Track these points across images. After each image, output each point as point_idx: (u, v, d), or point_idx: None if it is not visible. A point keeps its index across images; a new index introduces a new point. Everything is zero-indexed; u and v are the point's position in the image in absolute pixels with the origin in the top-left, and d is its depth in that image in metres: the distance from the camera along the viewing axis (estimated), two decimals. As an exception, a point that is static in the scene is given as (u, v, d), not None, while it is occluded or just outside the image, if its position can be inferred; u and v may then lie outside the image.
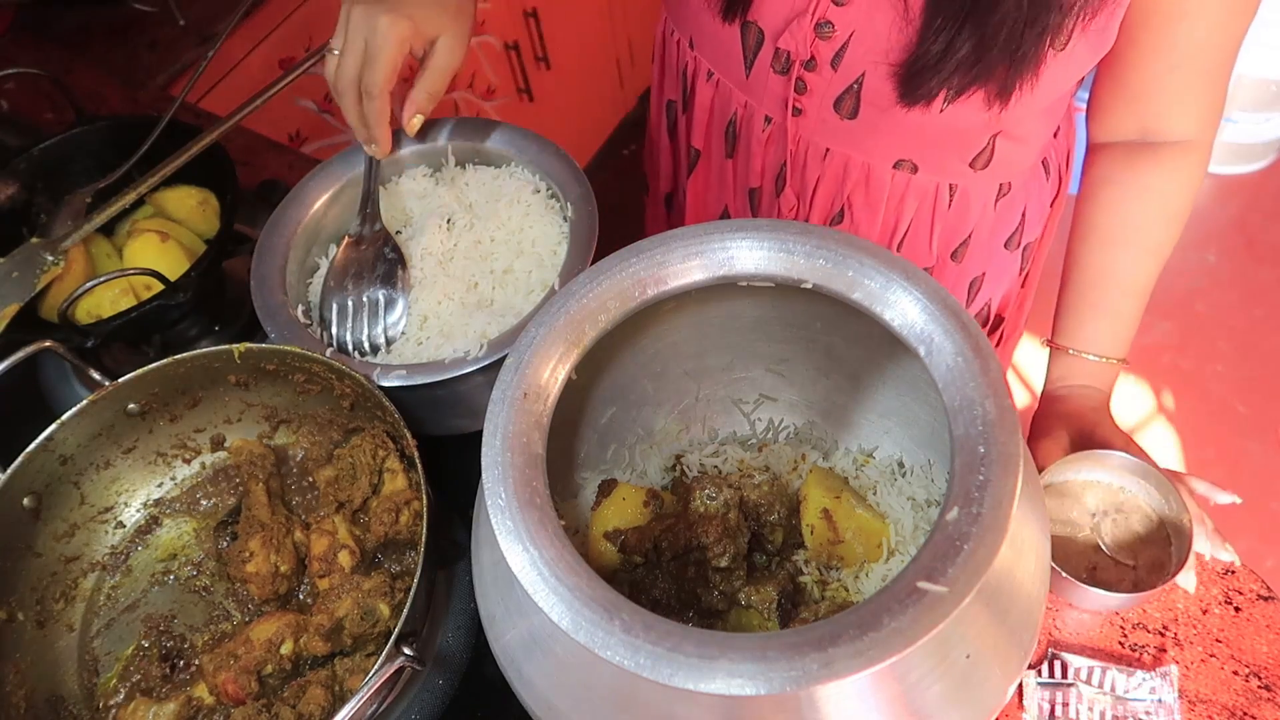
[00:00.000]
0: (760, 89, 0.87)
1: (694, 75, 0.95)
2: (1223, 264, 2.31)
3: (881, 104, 0.80)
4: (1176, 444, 2.04)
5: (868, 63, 0.78)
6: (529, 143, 0.90)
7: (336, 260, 0.85)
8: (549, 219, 0.87)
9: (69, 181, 0.93)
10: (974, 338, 0.52)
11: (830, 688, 0.47)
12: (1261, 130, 2.35)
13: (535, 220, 0.87)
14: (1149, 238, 0.85)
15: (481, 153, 0.92)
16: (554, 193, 0.88)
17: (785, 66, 0.83)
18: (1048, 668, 0.75)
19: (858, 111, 0.83)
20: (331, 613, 0.69)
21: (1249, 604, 0.77)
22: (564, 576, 0.48)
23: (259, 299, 0.82)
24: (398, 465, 0.76)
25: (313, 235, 0.89)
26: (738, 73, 0.88)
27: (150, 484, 0.83)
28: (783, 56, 0.82)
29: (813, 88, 0.83)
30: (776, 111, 0.88)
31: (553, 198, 0.89)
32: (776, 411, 0.77)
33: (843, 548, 0.65)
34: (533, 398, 0.54)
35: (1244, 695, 0.73)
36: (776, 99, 0.87)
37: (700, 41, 0.91)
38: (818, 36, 0.79)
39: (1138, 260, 0.85)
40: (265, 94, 0.87)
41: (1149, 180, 0.84)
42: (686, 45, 0.94)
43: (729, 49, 0.86)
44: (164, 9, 1.45)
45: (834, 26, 0.78)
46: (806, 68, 0.82)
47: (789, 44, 0.81)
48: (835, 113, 0.84)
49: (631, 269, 0.58)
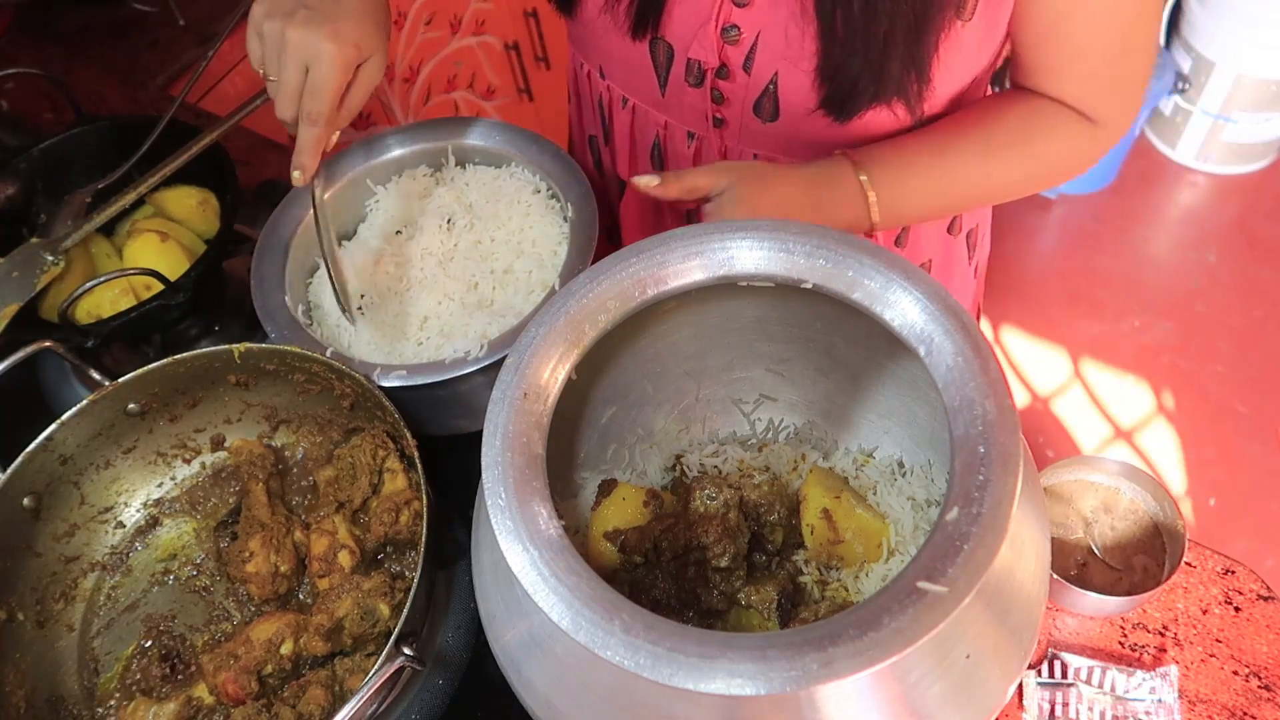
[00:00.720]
0: (678, 105, 0.87)
1: (610, 105, 0.94)
2: (1223, 264, 2.31)
3: (800, 107, 0.80)
4: (1176, 444, 2.04)
5: (779, 64, 0.78)
6: (529, 143, 0.90)
7: None
8: (549, 219, 0.87)
9: (69, 181, 0.94)
10: (974, 338, 0.52)
11: (830, 688, 0.47)
12: (1261, 130, 2.35)
13: (535, 220, 0.87)
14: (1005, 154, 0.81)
15: (482, 152, 0.92)
16: (554, 193, 0.88)
17: (699, 78, 0.82)
18: (1048, 668, 0.75)
19: (778, 113, 0.82)
20: (331, 613, 0.69)
21: (1249, 604, 0.77)
22: (564, 576, 0.48)
23: (259, 299, 0.82)
24: (398, 465, 0.76)
25: (313, 235, 0.89)
26: (653, 93, 0.87)
27: (150, 484, 0.83)
28: (695, 68, 0.82)
29: (730, 96, 0.83)
30: (698, 125, 0.88)
31: (553, 198, 0.89)
32: (776, 411, 0.77)
33: (843, 548, 0.65)
34: (533, 398, 0.54)
35: (1244, 695, 0.73)
36: (696, 113, 0.86)
37: (610, 68, 0.90)
38: (725, 42, 0.78)
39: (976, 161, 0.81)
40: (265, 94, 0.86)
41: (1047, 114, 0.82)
42: (598, 75, 0.93)
43: (641, 70, 0.85)
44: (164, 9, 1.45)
45: (740, 29, 0.77)
46: (720, 76, 0.81)
47: (699, 54, 0.80)
48: (756, 117, 0.83)
49: (631, 269, 0.58)
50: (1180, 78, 2.35)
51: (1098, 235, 2.38)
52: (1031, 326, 2.23)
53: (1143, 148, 2.52)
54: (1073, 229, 2.40)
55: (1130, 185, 2.47)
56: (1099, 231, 2.39)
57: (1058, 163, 0.84)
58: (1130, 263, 2.33)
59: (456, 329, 0.81)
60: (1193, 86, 2.33)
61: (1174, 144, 2.47)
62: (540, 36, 2.05)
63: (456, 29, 1.89)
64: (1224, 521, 1.94)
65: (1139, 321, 2.23)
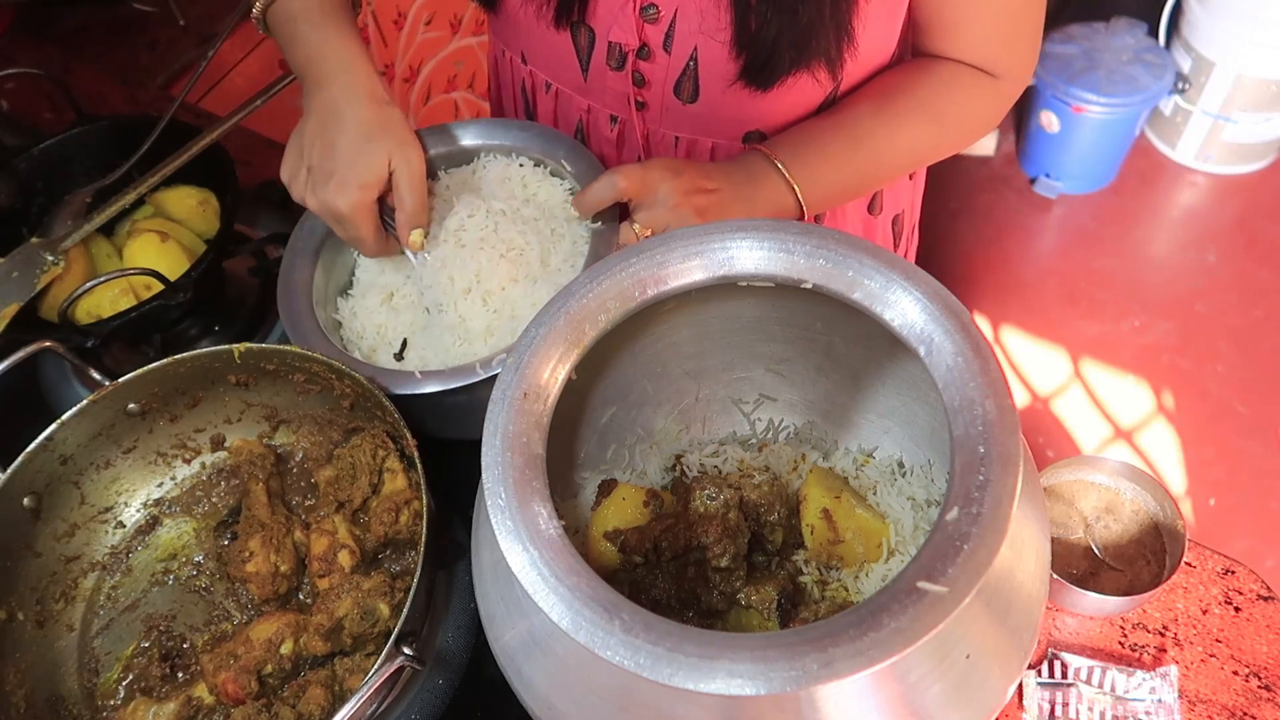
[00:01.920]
0: (600, 89, 0.87)
1: (533, 90, 0.94)
2: (1223, 264, 2.31)
3: (720, 82, 0.81)
4: (1176, 444, 2.04)
5: (698, 38, 0.79)
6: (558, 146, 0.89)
7: None
8: (575, 228, 0.85)
9: (69, 181, 0.94)
10: (974, 338, 0.52)
11: (830, 688, 0.47)
12: (1261, 130, 2.35)
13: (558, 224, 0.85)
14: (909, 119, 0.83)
15: (505, 152, 0.91)
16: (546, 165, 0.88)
17: (620, 61, 0.83)
18: (1048, 668, 0.75)
19: (698, 94, 0.83)
20: (331, 612, 0.69)
21: (1249, 604, 0.77)
22: (564, 576, 0.48)
23: (284, 304, 0.82)
24: (398, 465, 0.76)
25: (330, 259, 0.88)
26: (575, 78, 0.88)
27: (150, 484, 0.83)
28: (615, 50, 0.83)
29: (650, 78, 0.84)
30: (620, 109, 0.88)
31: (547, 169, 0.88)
32: (776, 411, 0.76)
33: (843, 548, 0.65)
34: (533, 398, 0.54)
35: (1244, 695, 0.73)
36: (618, 96, 0.87)
37: (532, 54, 0.91)
38: (644, 20, 0.79)
39: (882, 130, 0.83)
40: (265, 94, 0.87)
41: (946, 75, 0.84)
42: (519, 61, 0.93)
43: (562, 55, 0.86)
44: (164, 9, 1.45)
45: (658, 8, 0.79)
46: (640, 56, 0.82)
47: (619, 36, 0.81)
48: (677, 98, 0.84)
49: (631, 269, 0.58)
50: (1180, 78, 2.35)
51: (1098, 235, 2.38)
52: (1031, 326, 2.23)
53: (1143, 148, 2.52)
54: (1073, 229, 2.40)
55: (1130, 185, 2.47)
56: (1099, 231, 2.39)
57: (962, 121, 0.86)
58: (1130, 263, 2.33)
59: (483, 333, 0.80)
60: (1193, 86, 2.33)
61: (1174, 144, 2.47)
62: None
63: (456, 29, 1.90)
64: (1224, 521, 1.94)
65: (1139, 321, 2.23)
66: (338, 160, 0.76)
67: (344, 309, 0.87)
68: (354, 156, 0.76)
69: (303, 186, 0.78)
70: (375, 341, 0.85)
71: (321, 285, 0.86)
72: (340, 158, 0.76)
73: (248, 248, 0.97)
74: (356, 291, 0.88)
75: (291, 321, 0.81)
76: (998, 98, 0.85)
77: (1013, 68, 0.84)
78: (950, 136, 0.86)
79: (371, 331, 0.85)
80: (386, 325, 0.85)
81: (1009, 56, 0.83)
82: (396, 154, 0.78)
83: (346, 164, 0.76)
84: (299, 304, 0.82)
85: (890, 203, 1.00)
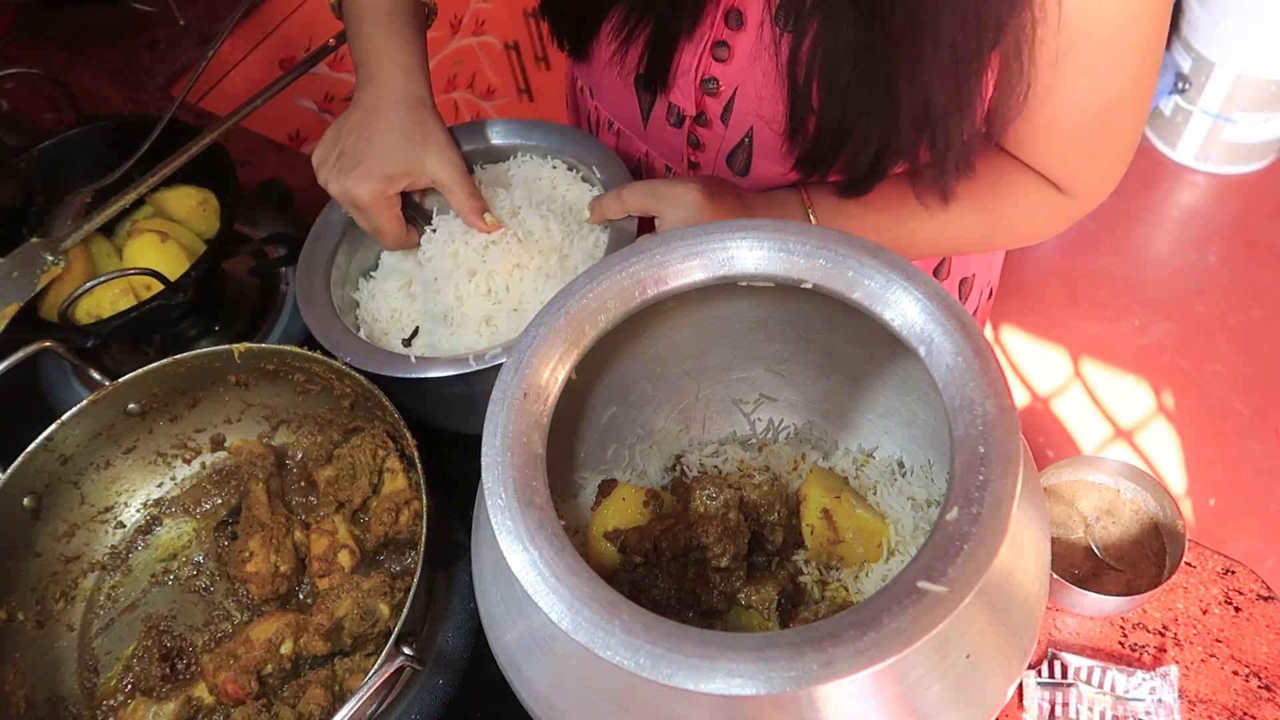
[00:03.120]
0: (658, 139, 0.88)
1: (597, 123, 0.95)
2: (1223, 264, 2.31)
3: (773, 161, 0.79)
4: (1176, 444, 2.04)
5: (754, 119, 0.78)
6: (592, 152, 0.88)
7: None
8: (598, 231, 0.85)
9: (69, 181, 0.94)
10: (974, 338, 0.52)
11: (830, 688, 0.47)
12: (1261, 130, 2.34)
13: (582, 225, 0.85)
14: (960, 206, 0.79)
15: (541, 153, 0.91)
16: (571, 165, 0.88)
17: (679, 120, 0.83)
18: (1048, 668, 0.75)
19: (749, 168, 0.82)
20: (331, 613, 0.69)
21: (1249, 604, 0.77)
22: (564, 576, 0.48)
23: (304, 298, 0.82)
24: (398, 465, 0.76)
25: (357, 239, 0.88)
26: (636, 124, 0.88)
27: (150, 484, 0.83)
28: (675, 111, 0.83)
29: (706, 143, 0.83)
30: (675, 162, 0.89)
31: (571, 169, 0.89)
32: (776, 411, 0.76)
33: (843, 548, 0.65)
34: (533, 398, 0.54)
35: (1244, 695, 0.73)
36: (674, 151, 0.87)
37: (600, 93, 0.92)
38: (704, 92, 0.79)
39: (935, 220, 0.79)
40: (265, 94, 0.87)
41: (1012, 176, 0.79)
42: (588, 94, 0.94)
43: (626, 102, 0.87)
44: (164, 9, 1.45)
45: (719, 83, 0.78)
46: (698, 122, 0.82)
47: (679, 99, 0.81)
48: (729, 168, 0.83)
49: (631, 269, 0.58)
50: (1180, 78, 2.35)
51: (1098, 235, 2.38)
52: (1031, 326, 2.23)
53: (1143, 148, 2.52)
54: (1073, 229, 2.39)
55: (1130, 185, 2.46)
56: (1099, 231, 2.39)
57: (1015, 225, 0.81)
58: (1130, 263, 2.33)
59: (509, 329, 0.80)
60: (1193, 86, 2.33)
61: (1174, 144, 2.47)
62: (540, 36, 2.05)
63: (456, 29, 1.89)
64: (1224, 521, 1.94)
65: (1139, 321, 2.23)
66: (369, 152, 0.79)
67: (364, 290, 0.88)
68: (385, 150, 0.79)
69: (329, 170, 0.80)
70: (388, 325, 0.86)
71: (344, 265, 0.87)
72: (372, 150, 0.79)
73: (248, 248, 0.97)
74: (379, 274, 0.89)
75: (306, 297, 0.82)
76: (1060, 213, 0.80)
77: (1084, 188, 0.78)
78: (1000, 238, 0.83)
79: (386, 315, 0.86)
80: (401, 311, 0.86)
81: (1081, 177, 0.77)
82: (434, 156, 0.79)
83: (376, 156, 0.78)
84: (317, 281, 0.84)
85: (959, 268, 0.98)
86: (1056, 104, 0.71)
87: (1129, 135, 0.76)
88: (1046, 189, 0.79)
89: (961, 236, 0.82)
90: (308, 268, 0.85)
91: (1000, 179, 0.79)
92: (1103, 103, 0.71)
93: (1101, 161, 0.77)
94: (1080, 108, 0.72)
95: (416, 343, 0.84)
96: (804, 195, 0.80)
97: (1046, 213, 0.81)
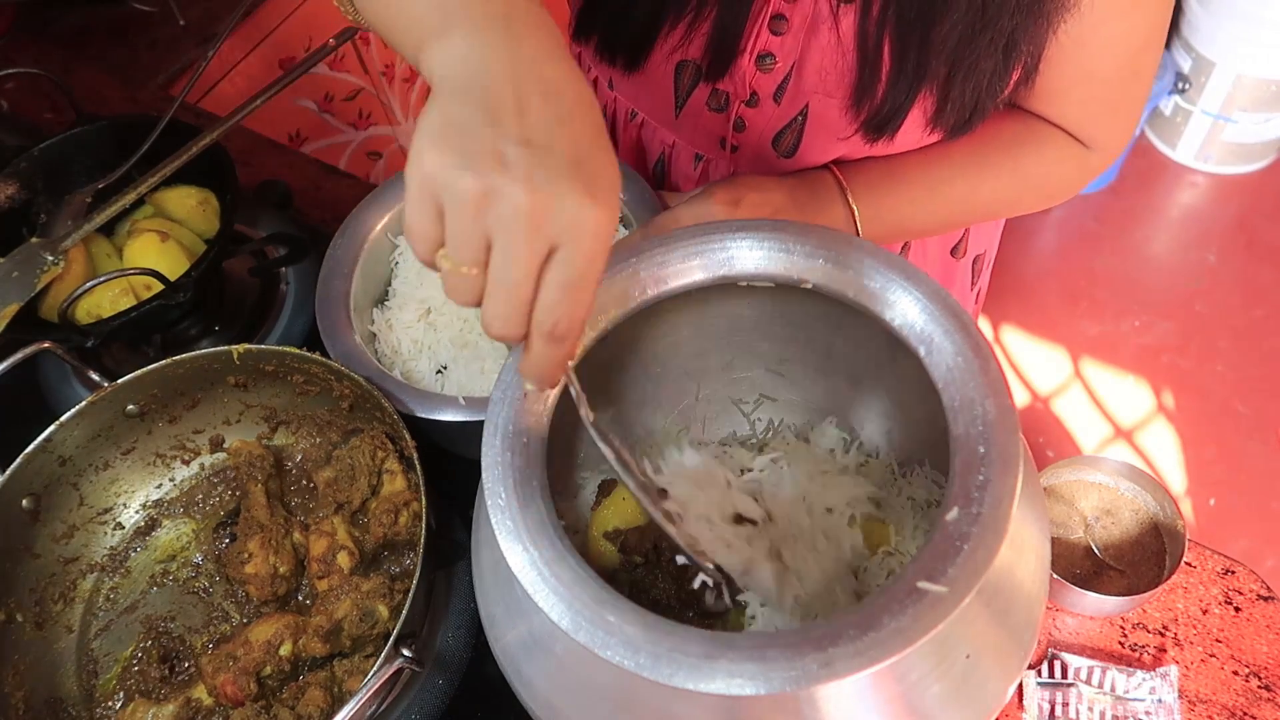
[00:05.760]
0: (691, 127, 0.84)
1: (614, 116, 0.91)
2: (1223, 264, 2.31)
3: (825, 138, 0.78)
4: (1176, 444, 2.04)
5: (811, 94, 0.76)
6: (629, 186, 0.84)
7: None
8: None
9: (69, 181, 0.93)
10: (974, 338, 0.52)
11: (830, 688, 0.47)
12: (1261, 130, 2.35)
13: None
14: (994, 172, 0.81)
15: None
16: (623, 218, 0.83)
17: (723, 104, 0.80)
18: (1048, 668, 0.75)
19: (798, 148, 0.80)
20: (330, 614, 0.69)
21: (1249, 604, 0.77)
22: (564, 576, 0.48)
23: (323, 318, 0.80)
24: (397, 466, 0.76)
25: (379, 248, 0.86)
26: (666, 114, 0.84)
27: (149, 485, 0.83)
28: (721, 96, 0.79)
29: (752, 124, 0.80)
30: (709, 149, 0.85)
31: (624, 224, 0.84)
32: (776, 411, 0.76)
33: (843, 548, 0.65)
34: (533, 398, 0.54)
35: (1244, 695, 0.73)
36: (710, 137, 0.83)
37: (622, 83, 0.86)
38: (759, 70, 0.76)
39: (965, 178, 0.80)
40: (265, 94, 0.87)
41: (1039, 134, 0.81)
42: (606, 86, 0.89)
43: (657, 90, 0.82)
44: (164, 9, 1.45)
45: (775, 58, 0.75)
46: (748, 104, 0.79)
47: (729, 85, 0.78)
48: (773, 149, 0.81)
49: (631, 269, 0.58)
50: (1180, 78, 2.35)
51: (1098, 235, 2.38)
52: (1031, 326, 2.23)
53: (1143, 148, 2.52)
54: (1073, 229, 2.40)
55: (1130, 185, 2.47)
56: (1099, 231, 2.39)
57: (1046, 184, 0.83)
58: (1130, 263, 2.33)
59: None
60: (1193, 86, 2.33)
61: (1174, 144, 2.47)
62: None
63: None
64: (1224, 521, 1.94)
65: (1139, 321, 2.23)
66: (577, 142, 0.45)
67: (379, 320, 0.83)
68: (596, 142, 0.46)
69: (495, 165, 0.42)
70: (411, 355, 0.82)
71: (358, 294, 0.83)
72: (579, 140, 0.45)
73: (248, 248, 0.97)
74: (394, 303, 0.85)
75: (330, 334, 0.79)
76: (1084, 168, 0.82)
77: (1106, 142, 0.81)
78: (1031, 198, 0.84)
79: (408, 346, 0.82)
80: (423, 342, 0.82)
81: (1104, 129, 0.80)
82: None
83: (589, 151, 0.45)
84: (338, 315, 0.80)
85: (974, 244, 0.98)
86: (1095, 49, 0.73)
87: (1149, 82, 0.79)
88: (1071, 144, 0.81)
89: (995, 201, 0.83)
90: (327, 305, 0.80)
91: (1029, 137, 0.81)
92: (1133, 48, 0.74)
93: (1124, 110, 0.80)
94: (1115, 54, 0.74)
95: (448, 378, 0.81)
96: (835, 173, 0.79)
97: (1073, 167, 0.82)
